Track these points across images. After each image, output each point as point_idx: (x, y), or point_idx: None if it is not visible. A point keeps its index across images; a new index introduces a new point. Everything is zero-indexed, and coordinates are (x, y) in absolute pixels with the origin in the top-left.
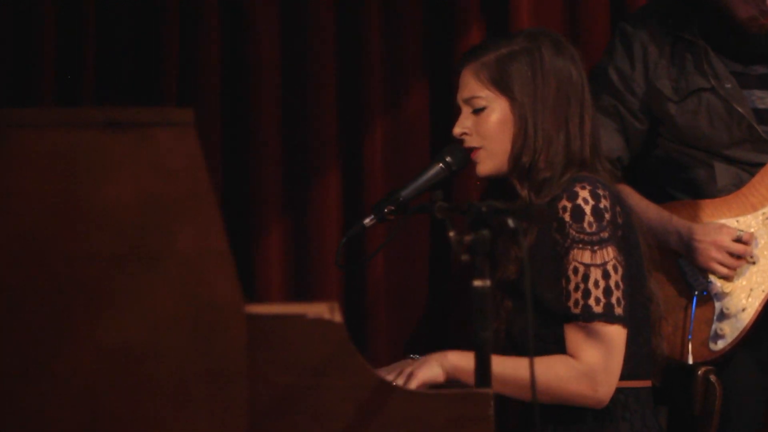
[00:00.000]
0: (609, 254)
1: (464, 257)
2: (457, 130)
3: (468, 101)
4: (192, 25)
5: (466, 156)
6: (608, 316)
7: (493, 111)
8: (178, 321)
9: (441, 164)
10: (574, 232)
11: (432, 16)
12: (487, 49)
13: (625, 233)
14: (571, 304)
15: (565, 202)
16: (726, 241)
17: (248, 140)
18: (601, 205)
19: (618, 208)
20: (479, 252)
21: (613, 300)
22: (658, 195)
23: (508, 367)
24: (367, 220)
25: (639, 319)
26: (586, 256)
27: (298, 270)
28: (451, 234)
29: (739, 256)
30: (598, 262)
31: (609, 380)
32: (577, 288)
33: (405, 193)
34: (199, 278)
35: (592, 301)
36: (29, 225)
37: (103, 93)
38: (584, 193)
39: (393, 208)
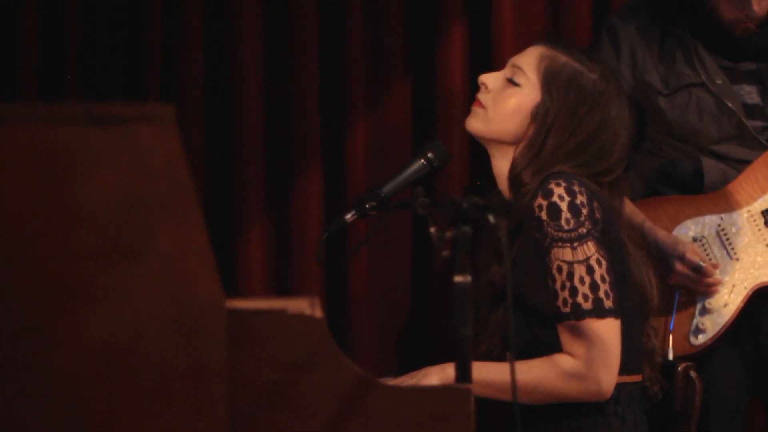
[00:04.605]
0: (590, 249)
1: (445, 253)
2: (483, 77)
3: (513, 68)
4: (175, 21)
5: (447, 152)
6: (598, 311)
7: (521, 93)
8: (159, 317)
9: (422, 160)
10: (552, 231)
11: (414, 14)
12: (568, 51)
13: (605, 228)
14: (560, 303)
15: (540, 200)
16: (683, 269)
17: (230, 137)
18: (578, 201)
19: (596, 204)
20: (460, 248)
21: (601, 294)
22: (645, 190)
23: (505, 374)
24: (348, 216)
25: (628, 314)
26: (567, 254)
27: (279, 266)
28: (432, 230)
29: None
30: (581, 258)
31: (609, 373)
32: (563, 287)
33: (386, 188)
34: (180, 275)
35: (580, 299)
36: (10, 221)
37: (84, 91)
38: (559, 190)
39: (374, 203)
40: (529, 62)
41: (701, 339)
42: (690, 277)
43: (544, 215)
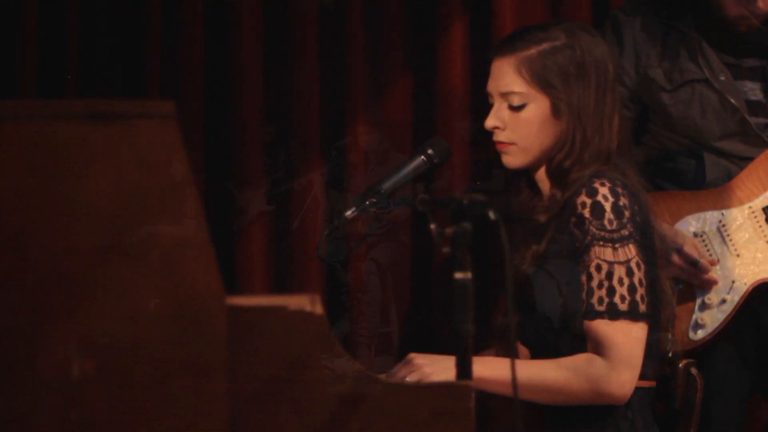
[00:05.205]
0: (631, 251)
1: (445, 249)
2: (490, 123)
3: (505, 96)
4: (175, 22)
5: (447, 149)
6: (633, 314)
7: (532, 109)
8: (159, 313)
9: (423, 157)
10: (594, 229)
11: (415, 13)
12: (527, 41)
13: (643, 232)
14: (594, 301)
15: (584, 198)
16: (680, 261)
17: (231, 132)
18: (621, 203)
19: (637, 207)
20: (460, 244)
21: (638, 297)
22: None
23: (533, 372)
24: (348, 213)
25: (653, 320)
26: (608, 254)
27: (280, 263)
28: (433, 226)
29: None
30: (622, 259)
31: (633, 376)
32: (600, 285)
33: (387, 185)
34: (180, 271)
35: (617, 299)
36: (10, 217)
37: (84, 92)
38: (604, 190)
39: (375, 200)
40: (511, 80)
41: (700, 334)
42: (686, 271)
43: (587, 213)
